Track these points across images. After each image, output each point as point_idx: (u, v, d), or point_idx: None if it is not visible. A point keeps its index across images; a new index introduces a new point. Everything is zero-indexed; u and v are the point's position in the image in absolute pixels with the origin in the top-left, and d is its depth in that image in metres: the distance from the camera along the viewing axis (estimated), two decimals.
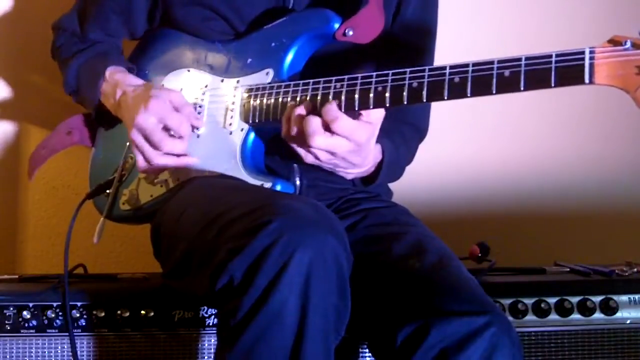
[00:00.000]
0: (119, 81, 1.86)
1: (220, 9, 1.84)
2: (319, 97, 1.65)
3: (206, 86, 1.85)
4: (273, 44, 1.79)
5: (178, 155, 1.78)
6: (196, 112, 1.83)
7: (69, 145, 2.05)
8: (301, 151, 1.64)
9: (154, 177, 1.85)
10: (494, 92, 1.48)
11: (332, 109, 1.59)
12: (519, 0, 2.65)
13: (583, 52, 1.41)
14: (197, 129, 1.82)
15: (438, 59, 1.99)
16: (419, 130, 1.98)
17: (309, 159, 1.65)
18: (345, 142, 1.59)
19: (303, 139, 1.60)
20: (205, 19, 1.86)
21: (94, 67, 1.92)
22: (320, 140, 1.59)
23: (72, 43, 2.00)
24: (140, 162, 1.79)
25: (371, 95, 1.60)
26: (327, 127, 1.59)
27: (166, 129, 1.75)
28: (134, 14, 1.95)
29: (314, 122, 1.59)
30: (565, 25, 2.62)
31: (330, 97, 1.63)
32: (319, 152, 1.62)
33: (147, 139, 1.75)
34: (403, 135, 1.87)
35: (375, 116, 1.60)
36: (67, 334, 1.86)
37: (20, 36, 2.48)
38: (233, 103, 1.80)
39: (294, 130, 1.62)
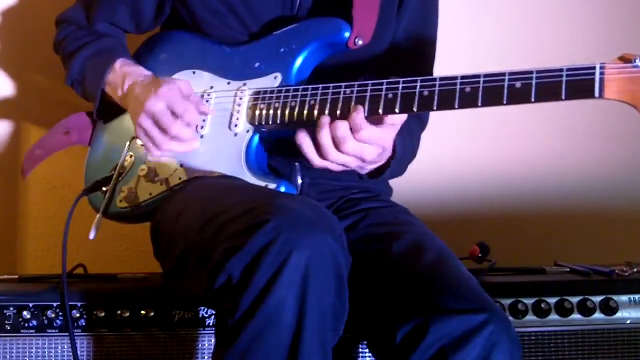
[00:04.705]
0: (129, 72, 1.86)
1: (233, 3, 1.84)
2: (328, 103, 1.66)
3: (212, 87, 1.86)
4: (282, 50, 1.80)
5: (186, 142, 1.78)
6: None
7: (67, 145, 2.05)
8: (330, 164, 1.64)
9: (154, 174, 1.85)
10: (504, 102, 1.52)
11: (357, 118, 1.59)
12: (521, 5, 2.66)
13: (594, 68, 1.46)
14: (201, 127, 1.82)
15: (439, 62, 2.00)
16: (422, 121, 1.98)
17: (338, 168, 1.65)
18: (374, 148, 1.61)
19: (333, 148, 1.61)
20: (216, 12, 1.86)
21: (101, 59, 1.92)
22: (351, 144, 1.59)
23: (77, 36, 2.00)
24: (150, 147, 1.79)
25: (381, 102, 1.61)
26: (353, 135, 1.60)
27: (174, 114, 1.76)
28: (143, 4, 1.95)
29: (343, 127, 1.60)
30: (566, 35, 2.63)
31: (340, 103, 1.64)
32: (348, 160, 1.62)
33: (156, 122, 1.76)
34: (410, 128, 1.88)
35: (400, 118, 1.62)
36: (67, 334, 1.86)
37: (21, 36, 2.48)
38: (239, 105, 1.80)
39: (326, 140, 1.61)
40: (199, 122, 1.80)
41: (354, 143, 1.60)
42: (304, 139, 1.65)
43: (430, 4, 1.96)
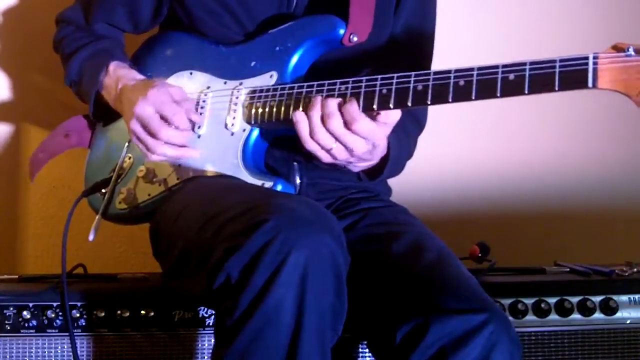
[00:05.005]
0: (121, 75, 1.87)
1: (229, 2, 1.85)
2: (318, 103, 1.65)
3: (208, 87, 1.86)
4: (278, 48, 1.80)
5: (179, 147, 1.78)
6: (198, 112, 1.84)
7: (67, 148, 2.06)
8: (319, 149, 1.63)
9: (152, 175, 1.86)
10: (498, 95, 1.51)
11: (352, 109, 1.59)
12: (520, 4, 2.66)
13: (587, 58, 1.45)
14: (198, 126, 1.82)
15: (438, 60, 2.00)
16: (419, 123, 1.98)
17: (327, 158, 1.64)
18: (364, 142, 1.61)
19: (320, 126, 1.60)
20: (213, 12, 1.86)
21: (97, 61, 1.92)
22: (337, 123, 1.59)
23: (76, 37, 2.00)
24: (144, 152, 1.80)
25: (376, 97, 1.61)
26: (346, 126, 1.60)
27: (164, 118, 1.76)
28: (140, 5, 1.95)
29: (332, 104, 1.60)
30: (564, 29, 2.63)
31: (335, 98, 1.63)
32: (335, 145, 1.61)
33: (145, 127, 1.76)
34: (406, 128, 1.88)
35: (393, 117, 1.61)
36: (67, 334, 1.86)
37: (21, 36, 2.48)
38: (236, 104, 1.81)
39: (315, 117, 1.61)
40: (188, 127, 1.79)
41: (340, 123, 1.59)
42: (301, 117, 1.64)
43: (429, 1, 1.96)
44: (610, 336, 1.96)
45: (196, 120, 1.82)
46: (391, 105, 1.60)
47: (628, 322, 1.97)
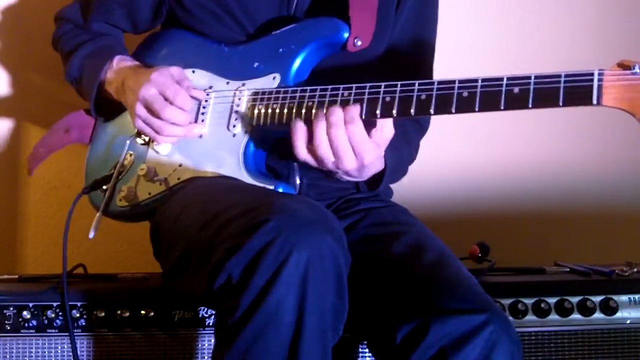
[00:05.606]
0: (125, 67, 1.88)
1: (229, 4, 1.85)
2: (325, 104, 1.65)
3: (211, 87, 1.86)
4: (281, 50, 1.80)
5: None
6: (200, 112, 1.84)
7: (67, 144, 2.05)
8: (309, 157, 1.65)
9: (153, 174, 1.85)
10: (502, 107, 1.52)
11: (352, 110, 1.60)
12: (521, 6, 2.66)
13: (592, 74, 1.44)
14: (199, 102, 1.83)
15: (439, 63, 2.00)
16: (422, 127, 1.98)
17: (314, 165, 1.66)
18: (354, 158, 1.61)
19: (324, 132, 1.61)
20: (212, 13, 1.86)
21: (99, 57, 1.92)
22: (340, 132, 1.59)
23: (75, 34, 2.01)
24: (152, 135, 1.81)
25: (379, 104, 1.61)
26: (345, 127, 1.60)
27: (167, 99, 1.77)
28: (139, 6, 1.95)
29: (337, 113, 1.60)
30: (565, 30, 2.63)
31: (338, 104, 1.64)
32: (329, 155, 1.62)
33: (149, 109, 1.77)
34: (406, 134, 1.88)
35: (386, 134, 1.62)
36: (67, 334, 1.86)
37: (21, 36, 2.48)
38: (238, 105, 1.80)
39: (320, 126, 1.61)
40: (190, 105, 1.80)
41: (343, 133, 1.59)
42: (300, 126, 1.65)
43: (429, 5, 1.96)
44: (610, 336, 1.96)
45: (199, 97, 1.83)
46: (394, 113, 1.60)
47: (628, 322, 1.97)
